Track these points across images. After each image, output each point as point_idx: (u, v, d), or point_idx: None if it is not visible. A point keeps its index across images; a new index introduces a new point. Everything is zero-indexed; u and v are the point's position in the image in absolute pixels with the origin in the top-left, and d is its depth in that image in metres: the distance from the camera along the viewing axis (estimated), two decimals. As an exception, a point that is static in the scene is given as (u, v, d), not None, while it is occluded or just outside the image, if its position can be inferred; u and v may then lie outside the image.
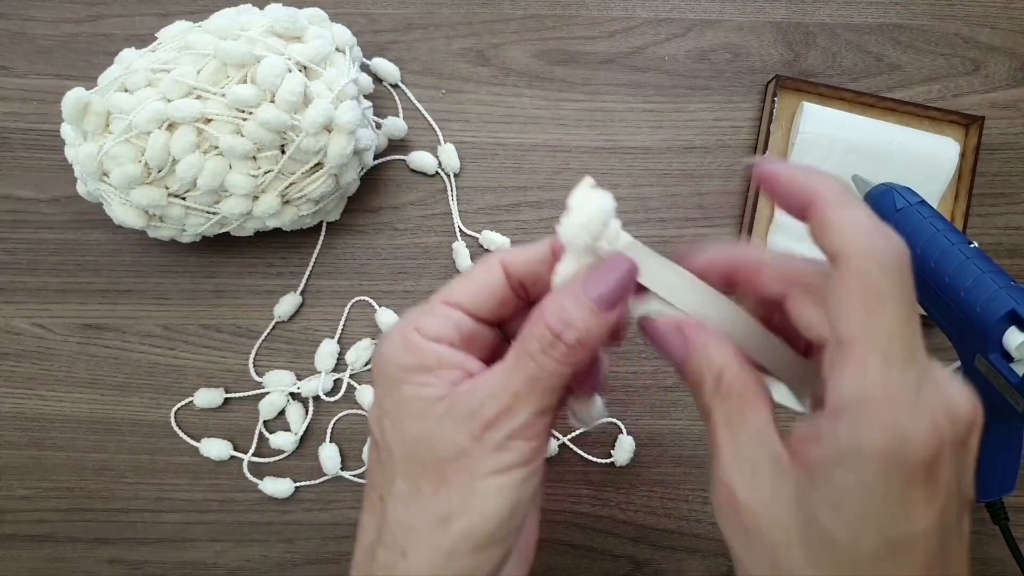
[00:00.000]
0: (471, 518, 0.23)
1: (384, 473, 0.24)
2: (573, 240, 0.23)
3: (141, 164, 0.38)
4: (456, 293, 0.25)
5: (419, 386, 0.23)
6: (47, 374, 0.46)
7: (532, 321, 0.23)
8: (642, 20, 0.49)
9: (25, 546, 0.45)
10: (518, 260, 0.25)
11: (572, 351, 0.22)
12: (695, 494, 0.46)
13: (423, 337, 0.24)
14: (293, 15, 0.41)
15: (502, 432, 0.22)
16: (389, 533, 0.24)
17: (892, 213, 0.38)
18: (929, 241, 0.36)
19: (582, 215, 0.23)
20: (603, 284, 0.23)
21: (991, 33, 0.49)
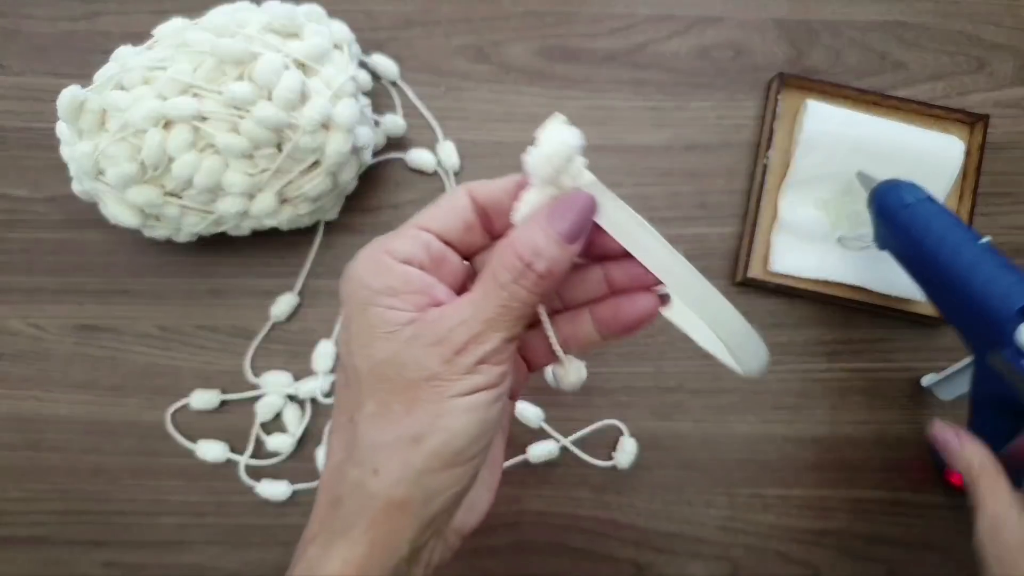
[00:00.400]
0: (442, 435, 0.23)
1: (352, 394, 0.25)
2: (537, 170, 0.25)
3: (137, 163, 0.38)
4: (424, 217, 0.26)
5: (387, 309, 0.24)
6: (42, 375, 0.46)
7: (501, 251, 0.24)
8: (644, 17, 0.48)
9: (20, 549, 0.45)
10: (484, 190, 0.26)
11: (542, 280, 0.24)
12: (698, 497, 0.46)
13: (392, 259, 0.24)
14: (290, 12, 0.41)
15: (473, 356, 0.24)
16: (359, 451, 0.24)
17: (900, 209, 0.38)
18: (939, 236, 0.36)
19: (547, 147, 0.24)
20: (566, 218, 0.24)
21: (996, 31, 0.49)
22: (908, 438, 0.46)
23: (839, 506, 0.46)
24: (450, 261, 0.26)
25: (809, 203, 0.46)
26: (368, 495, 0.24)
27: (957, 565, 0.45)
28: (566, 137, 0.24)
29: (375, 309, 0.24)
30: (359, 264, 0.25)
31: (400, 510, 0.24)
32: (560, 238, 0.24)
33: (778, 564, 0.45)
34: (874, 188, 0.40)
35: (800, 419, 0.46)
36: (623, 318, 0.27)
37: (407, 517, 0.24)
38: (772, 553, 0.46)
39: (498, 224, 0.26)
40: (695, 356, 0.46)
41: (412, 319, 0.24)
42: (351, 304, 0.25)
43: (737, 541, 0.45)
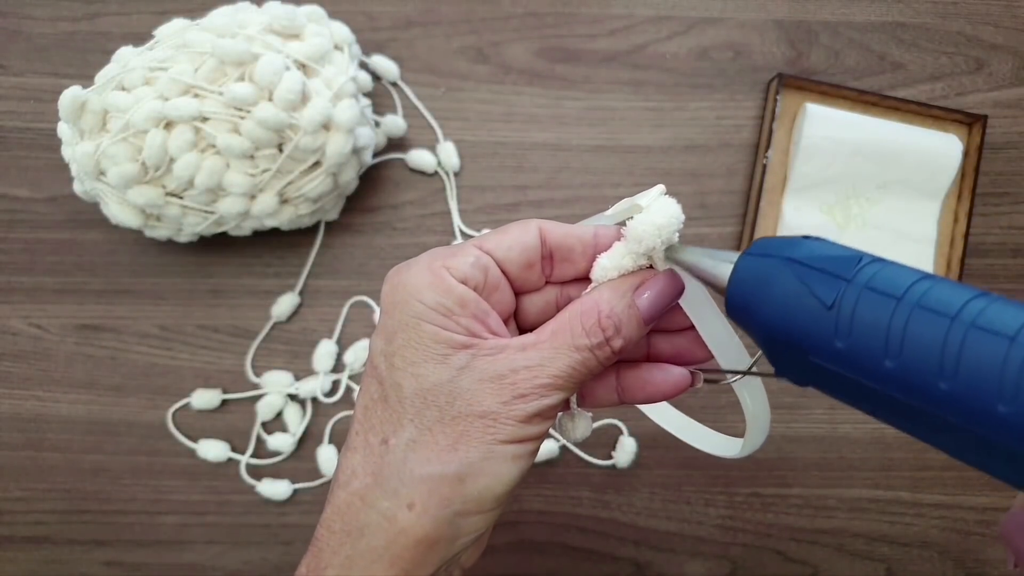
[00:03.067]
0: (486, 480, 0.23)
1: (390, 413, 0.23)
2: (643, 239, 0.24)
3: (138, 163, 0.38)
4: (490, 241, 0.24)
5: (440, 328, 0.23)
6: (44, 375, 0.46)
7: (586, 313, 0.24)
8: (643, 18, 0.49)
9: (22, 548, 0.45)
10: (558, 232, 0.25)
11: (614, 355, 0.24)
12: (697, 496, 0.46)
13: (451, 276, 0.23)
14: (291, 13, 0.41)
15: (532, 407, 0.23)
16: (394, 480, 0.22)
17: (813, 309, 0.20)
18: (916, 335, 0.18)
19: (659, 216, 0.23)
20: (654, 300, 0.24)
21: (994, 31, 0.49)
22: (906, 437, 0.46)
23: (837, 505, 0.46)
24: (503, 292, 0.25)
25: (815, 208, 0.47)
26: (398, 529, 0.22)
27: (955, 564, 0.45)
28: (675, 211, 0.24)
29: (427, 326, 0.23)
30: (412, 273, 0.23)
31: (429, 548, 0.22)
32: (643, 318, 0.24)
33: (777, 563, 0.46)
34: (732, 271, 0.22)
35: (799, 419, 0.46)
36: (652, 388, 0.26)
37: (433, 555, 0.23)
38: (771, 552, 0.46)
39: (559, 270, 0.25)
40: (694, 356, 0.46)
41: (467, 344, 0.23)
42: (399, 315, 0.23)
43: (736, 540, 0.46)
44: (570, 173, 0.47)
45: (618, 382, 0.27)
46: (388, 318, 0.24)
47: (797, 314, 0.20)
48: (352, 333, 0.46)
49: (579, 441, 0.28)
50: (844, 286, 0.19)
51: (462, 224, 0.47)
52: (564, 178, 0.47)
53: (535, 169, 0.47)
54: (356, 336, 0.46)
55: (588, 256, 0.25)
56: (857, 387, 0.19)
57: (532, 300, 0.26)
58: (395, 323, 0.23)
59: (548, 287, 0.26)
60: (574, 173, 0.47)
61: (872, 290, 0.19)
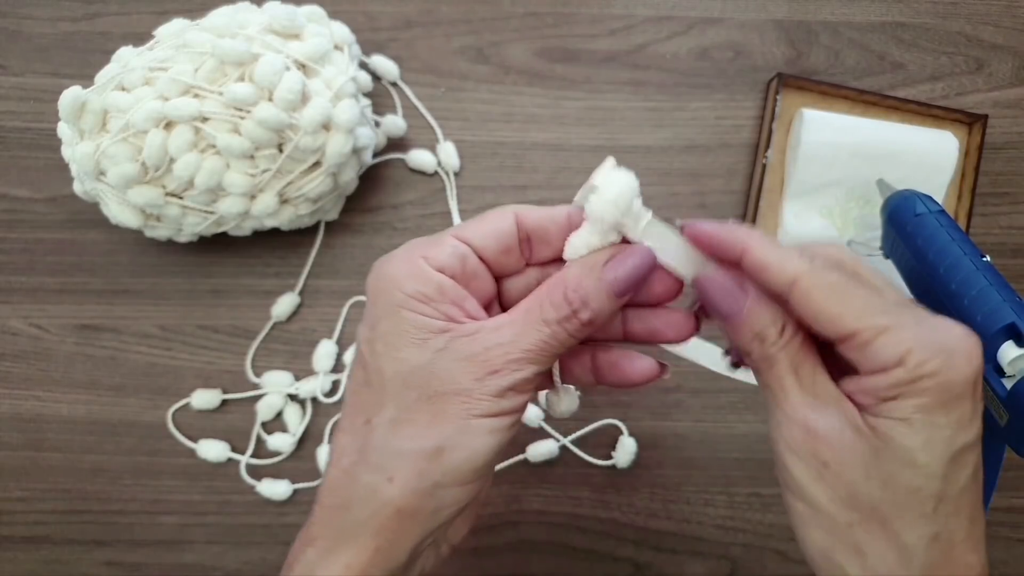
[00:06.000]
0: (463, 453, 0.24)
1: (373, 395, 0.24)
2: (601, 216, 0.24)
3: (138, 163, 0.38)
4: (467, 230, 0.25)
5: (420, 314, 0.24)
6: (43, 375, 0.46)
7: (552, 288, 0.25)
8: (643, 18, 0.49)
9: (22, 548, 0.45)
10: (532, 216, 0.26)
11: (584, 327, 0.24)
12: (697, 496, 0.46)
13: (428, 265, 0.24)
14: (291, 13, 0.41)
15: (506, 381, 0.24)
16: (375, 455, 0.24)
17: (911, 218, 0.38)
18: (942, 248, 0.36)
19: (610, 192, 0.24)
20: (623, 271, 0.24)
21: (994, 32, 0.49)
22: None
23: (838, 505, 0.46)
24: (481, 278, 0.26)
25: (814, 212, 0.47)
26: (380, 502, 0.24)
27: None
28: (627, 181, 0.25)
29: (407, 313, 0.24)
30: (393, 264, 0.25)
31: (410, 518, 0.24)
32: (611, 291, 0.24)
33: (777, 563, 0.46)
34: (888, 196, 0.40)
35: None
36: (618, 375, 0.27)
37: (415, 526, 0.24)
38: (771, 552, 0.46)
39: (537, 252, 0.26)
40: (694, 356, 0.46)
41: (445, 328, 0.24)
42: (381, 304, 0.24)
43: (736, 540, 0.46)
44: (570, 173, 0.47)
45: (593, 363, 0.28)
46: (372, 307, 0.25)
47: (906, 209, 0.27)
48: (352, 333, 0.46)
49: (565, 415, 0.28)
50: (924, 211, 0.27)
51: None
52: (564, 178, 0.47)
53: (535, 169, 0.47)
54: (356, 336, 0.46)
55: (564, 237, 0.26)
56: None
57: (514, 283, 0.27)
58: (378, 311, 0.25)
59: (529, 269, 0.27)
60: (574, 173, 0.47)
61: (932, 214, 0.28)
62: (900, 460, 0.22)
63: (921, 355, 0.21)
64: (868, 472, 0.22)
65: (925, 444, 0.21)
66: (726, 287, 0.24)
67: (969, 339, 0.22)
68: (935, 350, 0.21)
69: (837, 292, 0.22)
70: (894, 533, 0.22)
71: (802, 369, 0.24)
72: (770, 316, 0.24)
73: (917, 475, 0.22)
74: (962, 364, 0.21)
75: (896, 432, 0.22)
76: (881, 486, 0.22)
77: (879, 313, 0.22)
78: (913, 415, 0.21)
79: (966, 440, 0.22)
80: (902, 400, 0.21)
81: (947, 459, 0.21)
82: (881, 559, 0.22)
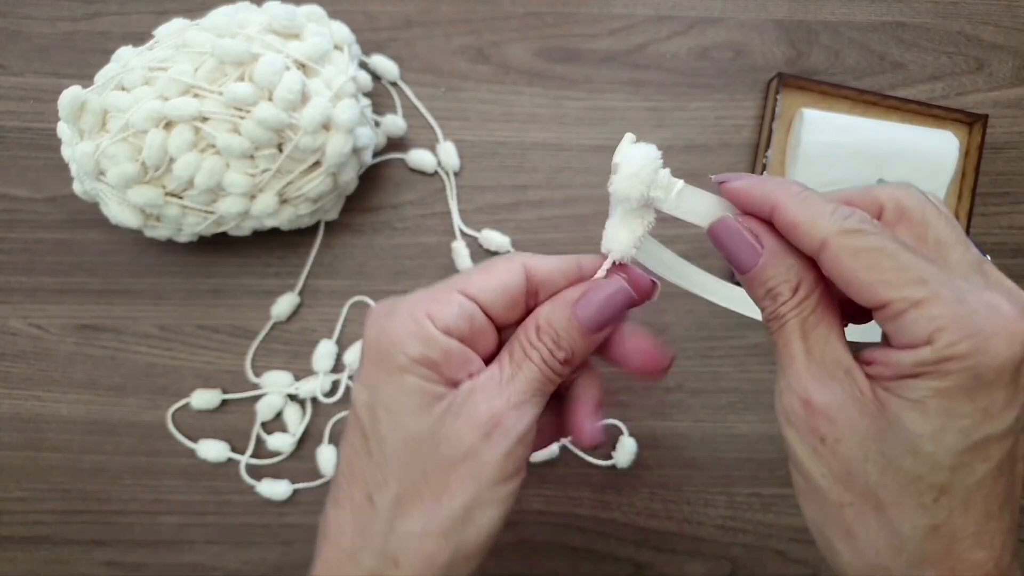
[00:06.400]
0: (472, 531, 0.23)
1: (374, 468, 0.23)
2: (628, 193, 0.23)
3: (138, 163, 0.38)
4: (474, 285, 0.24)
5: (424, 380, 0.23)
6: (43, 375, 0.46)
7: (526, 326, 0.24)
8: (643, 17, 0.49)
9: (21, 548, 0.45)
10: (542, 267, 0.25)
11: (564, 365, 0.24)
12: (697, 496, 0.46)
13: (435, 327, 0.23)
14: (291, 13, 0.41)
15: (512, 433, 0.23)
16: (379, 538, 0.23)
17: None
18: None
19: (631, 166, 0.23)
20: (592, 310, 0.24)
21: (995, 31, 0.49)
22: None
23: (838, 505, 0.46)
24: (487, 334, 0.25)
25: None
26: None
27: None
28: (646, 152, 0.23)
29: (411, 378, 0.23)
30: (396, 322, 0.23)
31: None
32: (584, 329, 0.23)
33: (777, 563, 0.46)
34: None
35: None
36: (572, 431, 0.27)
37: None
38: (771, 552, 0.46)
39: (544, 299, 0.25)
40: (695, 356, 0.46)
41: (445, 392, 0.23)
42: (384, 367, 0.23)
43: (736, 540, 0.46)
44: (570, 173, 0.47)
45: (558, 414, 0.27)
46: (372, 367, 0.24)
47: None
48: (352, 333, 0.46)
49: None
50: None
51: (462, 224, 0.47)
52: (564, 178, 0.47)
53: (535, 169, 0.47)
54: (356, 336, 0.46)
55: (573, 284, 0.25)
56: None
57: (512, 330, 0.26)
58: (378, 374, 0.23)
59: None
60: (574, 173, 0.47)
61: None
62: (903, 445, 0.20)
63: (953, 335, 0.19)
64: (867, 453, 0.21)
65: (935, 432, 0.20)
66: (738, 239, 0.23)
67: (1016, 321, 0.19)
68: (969, 330, 0.19)
69: (870, 257, 0.20)
70: (888, 520, 0.21)
71: (814, 333, 0.22)
72: (784, 273, 0.22)
73: (920, 463, 0.20)
74: (999, 348, 0.19)
75: (905, 415, 0.20)
76: (879, 470, 0.21)
77: (915, 283, 0.20)
78: (929, 399, 0.19)
79: (991, 431, 0.19)
80: (922, 380, 0.20)
81: (961, 450, 0.20)
82: (871, 544, 0.21)
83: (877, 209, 0.23)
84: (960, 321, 0.19)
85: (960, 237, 0.22)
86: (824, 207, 0.21)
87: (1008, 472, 0.20)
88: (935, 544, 0.20)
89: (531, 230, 0.47)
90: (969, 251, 0.22)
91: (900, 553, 0.21)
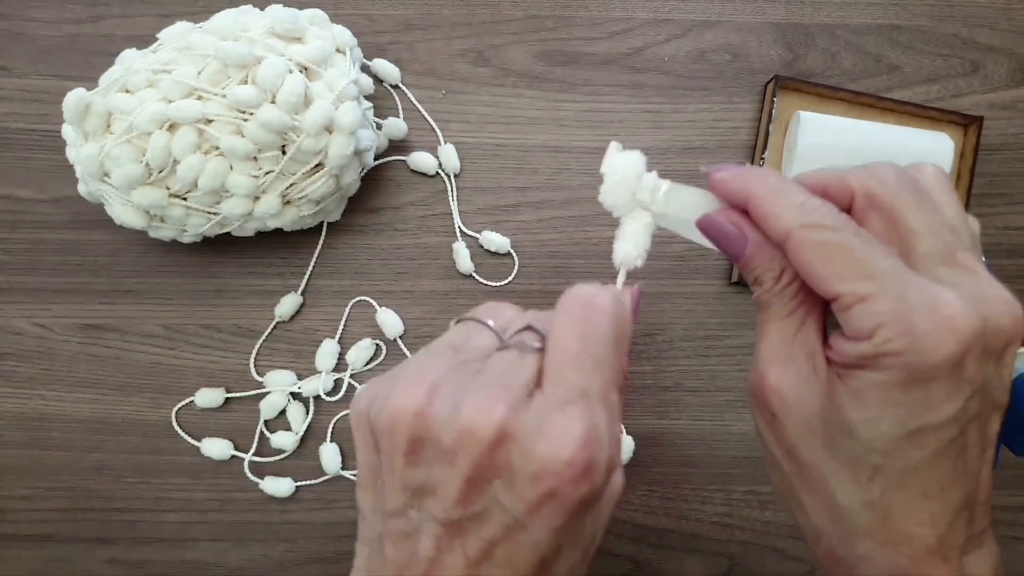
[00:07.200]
0: None
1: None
2: (615, 201, 0.25)
3: (142, 165, 0.39)
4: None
5: None
6: (48, 374, 0.46)
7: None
8: (642, 21, 0.49)
9: (26, 546, 0.46)
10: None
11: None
12: (695, 493, 0.46)
13: None
14: (294, 16, 0.41)
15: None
16: None
17: None
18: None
19: (615, 175, 0.24)
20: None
21: (990, 34, 0.49)
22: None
23: (834, 503, 0.46)
24: None
25: None
26: None
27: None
28: (627, 160, 0.25)
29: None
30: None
31: None
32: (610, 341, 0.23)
33: (774, 560, 0.46)
34: None
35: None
36: None
37: None
38: (768, 550, 0.46)
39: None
40: (693, 355, 0.47)
41: None
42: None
43: (734, 537, 0.46)
44: (569, 174, 0.48)
45: None
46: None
47: None
48: (354, 333, 0.47)
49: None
50: None
51: (463, 225, 0.47)
52: (564, 179, 0.48)
53: (535, 171, 0.48)
54: (358, 336, 0.47)
55: None
56: None
57: None
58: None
59: None
60: (573, 174, 0.48)
61: None
62: (842, 427, 0.22)
63: (890, 331, 0.20)
64: (812, 430, 0.22)
65: (870, 419, 0.21)
66: (725, 231, 0.24)
67: (958, 319, 0.20)
68: (905, 328, 0.20)
69: (827, 250, 0.21)
70: (829, 492, 0.23)
71: (790, 318, 0.23)
72: (767, 263, 0.23)
73: (855, 445, 0.22)
74: (932, 347, 0.20)
75: (846, 401, 0.21)
76: (821, 446, 0.22)
77: (863, 278, 0.21)
78: (867, 388, 0.21)
79: (928, 421, 0.21)
80: (863, 371, 0.21)
81: (895, 437, 0.21)
82: (816, 512, 0.23)
83: (849, 197, 0.23)
84: (898, 318, 0.20)
85: (932, 224, 0.22)
86: (794, 199, 0.22)
87: (953, 457, 0.21)
88: (871, 517, 0.22)
89: (531, 231, 0.47)
90: (940, 239, 0.22)
91: (839, 521, 0.23)
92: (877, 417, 0.21)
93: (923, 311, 0.20)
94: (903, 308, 0.20)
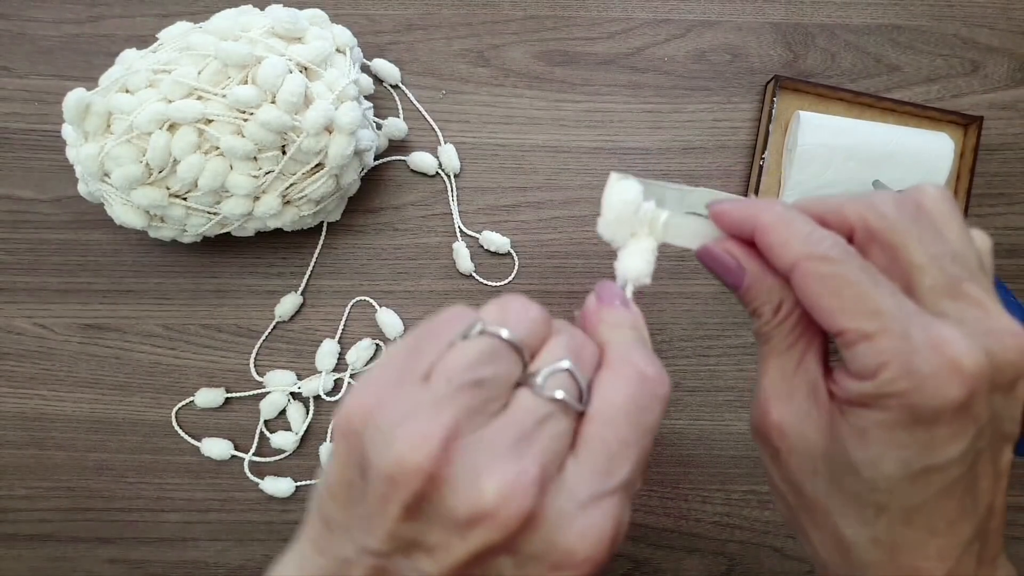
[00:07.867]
0: None
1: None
2: (614, 238, 0.25)
3: (142, 165, 0.39)
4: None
5: None
6: (48, 374, 0.46)
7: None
8: (641, 21, 0.49)
9: (26, 545, 0.46)
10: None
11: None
12: (694, 493, 0.46)
13: None
14: (294, 16, 0.41)
15: None
16: None
17: None
18: None
19: (610, 213, 0.25)
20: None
21: (990, 34, 0.49)
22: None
23: (834, 503, 0.46)
24: None
25: None
26: None
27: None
28: (622, 195, 0.25)
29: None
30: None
31: None
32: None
33: (774, 560, 0.46)
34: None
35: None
36: None
37: None
38: (768, 549, 0.46)
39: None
40: (692, 355, 0.47)
41: None
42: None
43: (733, 537, 0.46)
44: (569, 174, 0.48)
45: None
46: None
47: None
48: (354, 332, 0.47)
49: None
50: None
51: (462, 225, 0.47)
52: (563, 179, 0.48)
53: (535, 170, 0.48)
54: (358, 336, 0.47)
55: None
56: None
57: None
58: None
59: None
60: (573, 174, 0.48)
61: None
62: (845, 466, 0.21)
63: (893, 372, 0.20)
64: (815, 467, 0.22)
65: (874, 459, 0.20)
66: (723, 262, 0.23)
67: (962, 359, 0.19)
68: (908, 370, 0.19)
69: (833, 283, 0.21)
70: (834, 526, 0.22)
71: (790, 351, 0.23)
72: (765, 295, 0.23)
73: (859, 484, 0.21)
74: (936, 389, 0.19)
75: (849, 440, 0.21)
76: (826, 483, 0.22)
77: (868, 315, 0.20)
78: (871, 428, 0.20)
79: (932, 462, 0.20)
80: (866, 410, 0.21)
81: (899, 477, 0.20)
82: (822, 544, 0.23)
83: (848, 230, 0.23)
84: (902, 359, 0.20)
85: (935, 255, 0.21)
86: (801, 229, 0.22)
87: (960, 493, 0.21)
88: (878, 553, 0.22)
89: (531, 231, 0.47)
90: (944, 271, 0.21)
91: (846, 555, 0.22)
92: (880, 457, 0.20)
93: (927, 351, 0.19)
94: (907, 348, 0.20)
